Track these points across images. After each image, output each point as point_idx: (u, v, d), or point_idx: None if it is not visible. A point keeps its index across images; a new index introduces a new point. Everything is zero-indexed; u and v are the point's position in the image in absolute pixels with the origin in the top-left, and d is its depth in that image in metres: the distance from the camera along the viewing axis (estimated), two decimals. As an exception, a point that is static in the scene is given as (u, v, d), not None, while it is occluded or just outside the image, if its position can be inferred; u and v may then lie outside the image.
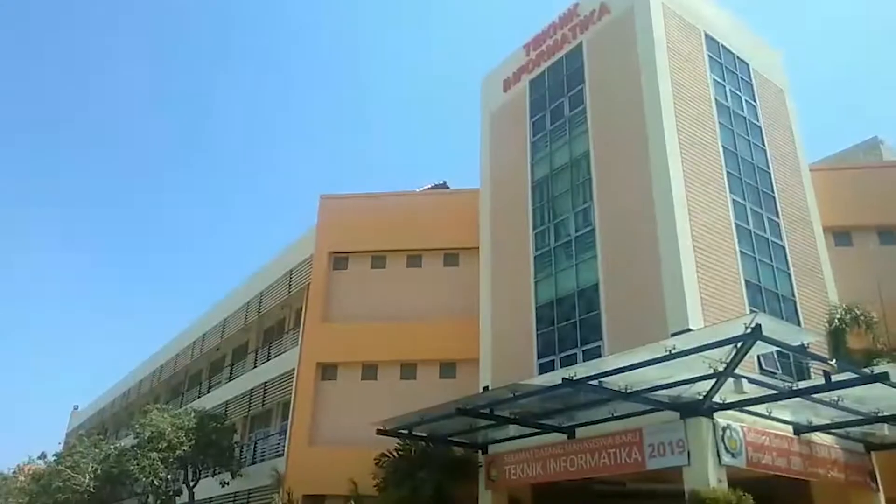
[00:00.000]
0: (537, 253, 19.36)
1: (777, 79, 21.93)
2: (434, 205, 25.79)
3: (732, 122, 19.11)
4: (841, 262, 19.75)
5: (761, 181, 18.86)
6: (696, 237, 15.85)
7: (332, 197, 26.26)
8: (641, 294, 15.80)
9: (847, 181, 22.33)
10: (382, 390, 22.19)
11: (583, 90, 19.83)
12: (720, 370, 11.45)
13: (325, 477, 20.46)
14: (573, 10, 21.09)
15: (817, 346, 15.74)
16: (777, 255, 17.88)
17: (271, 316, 28.72)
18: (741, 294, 16.15)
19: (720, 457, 12.79)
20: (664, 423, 13.48)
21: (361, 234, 24.87)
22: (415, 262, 24.35)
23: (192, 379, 36.31)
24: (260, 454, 25.58)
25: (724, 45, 20.35)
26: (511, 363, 18.33)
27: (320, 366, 23.31)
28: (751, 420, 13.71)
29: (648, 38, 18.08)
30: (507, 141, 22.36)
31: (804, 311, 17.47)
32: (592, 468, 14.82)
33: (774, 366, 15.39)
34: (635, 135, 17.42)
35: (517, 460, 16.74)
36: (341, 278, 24.71)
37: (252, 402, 26.73)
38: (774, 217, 18.55)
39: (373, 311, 23.57)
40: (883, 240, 21.18)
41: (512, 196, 21.02)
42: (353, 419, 20.53)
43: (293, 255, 26.88)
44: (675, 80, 17.91)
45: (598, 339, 16.43)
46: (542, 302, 18.58)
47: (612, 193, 17.72)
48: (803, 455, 14.44)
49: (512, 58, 23.23)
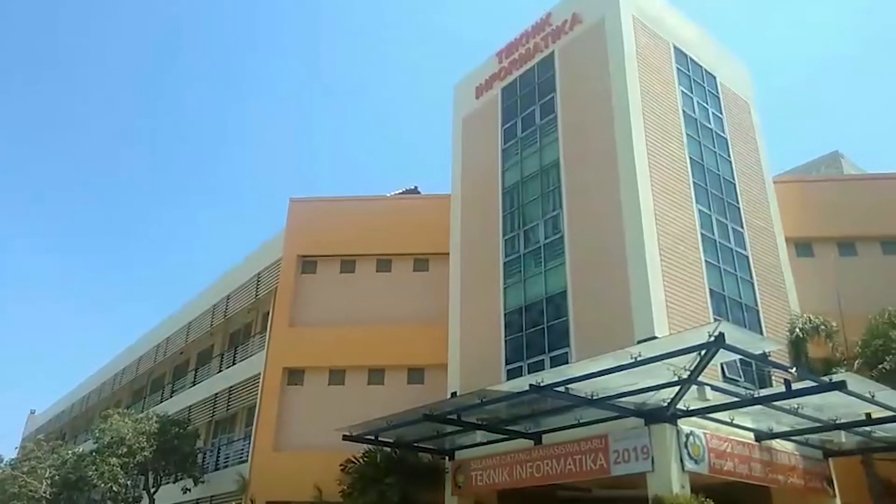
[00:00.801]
0: (507, 259, 19.45)
1: (743, 92, 22.41)
2: (405, 209, 25.74)
3: (699, 133, 19.46)
4: (802, 273, 20.23)
5: (726, 192, 19.23)
6: (662, 246, 16.08)
7: (301, 200, 26.05)
8: (609, 301, 15.97)
9: (809, 194, 22.95)
10: (349, 395, 22.02)
11: (554, 99, 20.01)
12: (684, 377, 11.60)
13: (289, 483, 20.21)
14: (546, 20, 21.30)
15: (779, 354, 16.04)
16: (741, 265, 18.23)
17: (238, 319, 28.32)
18: (706, 302, 16.42)
19: (683, 463, 12.95)
20: (629, 430, 13.60)
21: (331, 237, 24.71)
22: (384, 267, 24.27)
23: (155, 383, 35.58)
24: (223, 460, 25.18)
25: (693, 58, 20.74)
26: (479, 369, 18.34)
27: (287, 370, 23.05)
28: (713, 427, 13.92)
29: (619, 50, 18.34)
30: (478, 147, 22.45)
31: (766, 320, 17.83)
32: (558, 474, 14.89)
33: (737, 374, 15.67)
34: (605, 144, 17.63)
35: (484, 466, 16.74)
36: (310, 282, 24.50)
37: (216, 407, 26.30)
38: (739, 227, 18.92)
39: (341, 315, 23.39)
40: (842, 251, 21.76)
41: (483, 202, 21.09)
42: (319, 425, 20.33)
43: (261, 259, 26.57)
44: (645, 90, 18.19)
45: (566, 346, 16.54)
46: (510, 308, 18.65)
47: (582, 201, 17.89)
48: (764, 461, 14.70)
49: (484, 65, 23.36)
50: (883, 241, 21.80)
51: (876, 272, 20.98)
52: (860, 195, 22.86)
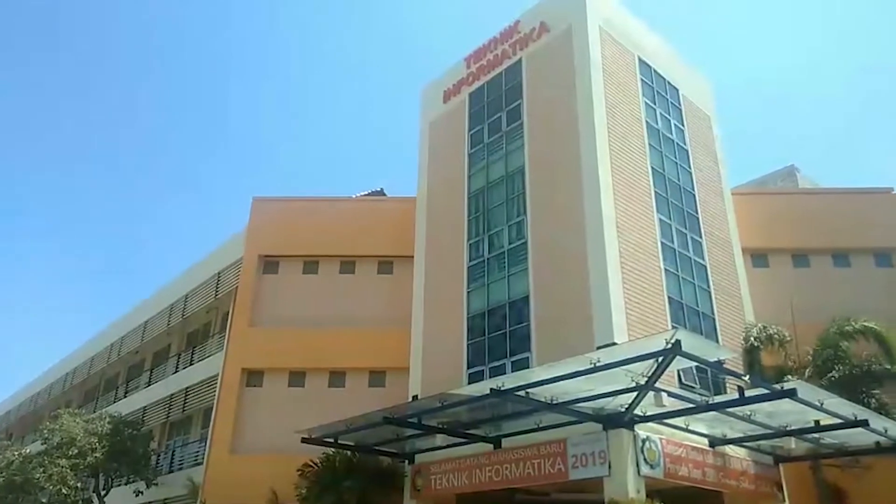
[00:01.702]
0: (471, 263, 19.51)
1: (704, 105, 22.93)
2: (370, 211, 25.65)
3: (661, 144, 19.84)
4: (758, 283, 20.76)
5: (686, 202, 19.63)
6: (623, 254, 16.33)
7: (264, 199, 25.74)
8: (570, 307, 16.14)
9: (765, 206, 23.56)
10: (309, 398, 21.81)
11: (520, 105, 20.18)
12: (642, 383, 11.76)
13: (245, 486, 19.86)
14: (514, 27, 21.48)
15: (733, 362, 16.43)
16: (699, 274, 18.62)
17: (196, 319, 27.81)
18: (664, 310, 16.72)
19: (639, 468, 13.14)
20: (587, 435, 13.75)
21: (294, 237, 24.46)
22: (348, 269, 24.12)
23: (108, 383, 34.70)
24: (178, 462, 24.68)
25: (657, 70, 21.14)
26: (441, 373, 18.35)
27: (245, 372, 22.72)
28: (669, 432, 14.16)
29: (585, 59, 18.59)
30: (445, 151, 22.50)
31: (722, 328, 18.24)
32: (517, 478, 14.97)
33: (693, 380, 15.99)
34: (569, 152, 17.84)
35: (443, 470, 16.73)
36: (271, 282, 24.21)
37: (172, 409, 25.79)
38: (698, 237, 19.32)
39: (303, 316, 23.16)
40: (796, 262, 22.41)
41: (448, 206, 21.14)
42: (277, 427, 20.09)
43: (221, 258, 26.15)
44: (609, 100, 18.46)
45: (527, 351, 16.65)
46: (473, 312, 18.71)
47: (545, 208, 18.06)
48: (717, 467, 15.01)
49: (452, 69, 23.44)
50: (834, 253, 22.50)
51: (827, 283, 21.65)
52: (814, 209, 23.55)
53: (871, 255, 22.50)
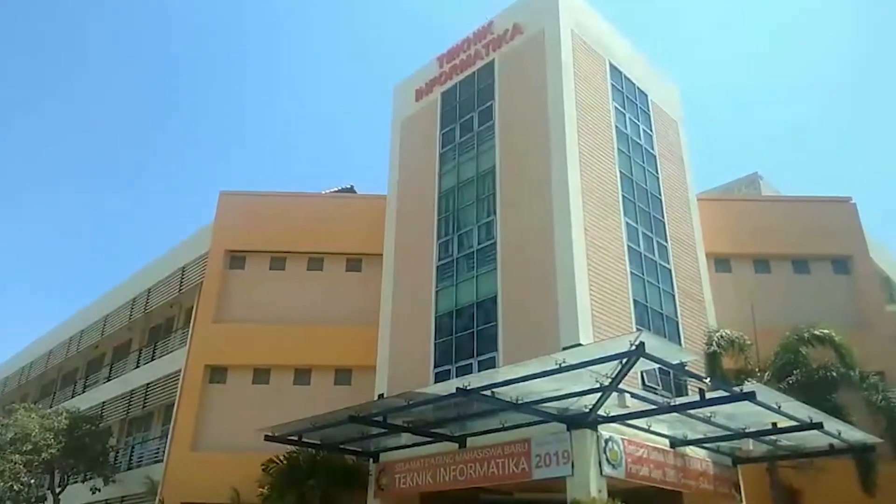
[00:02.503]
0: (440, 263, 19.51)
1: (673, 111, 23.28)
2: (339, 208, 25.49)
3: (630, 149, 20.08)
4: (720, 288, 21.17)
5: (653, 207, 19.91)
6: (590, 256, 16.49)
7: (232, 193, 25.40)
8: (537, 308, 16.25)
9: (729, 212, 24.03)
10: (274, 395, 21.62)
11: (492, 106, 20.24)
12: (606, 384, 11.91)
13: (206, 484, 19.59)
14: (487, 28, 21.53)
15: (695, 365, 16.67)
16: (663, 278, 18.90)
17: (159, 314, 27.36)
18: (629, 312, 16.93)
19: (602, 468, 13.30)
20: (551, 435, 13.87)
21: (261, 233, 24.20)
22: (316, 266, 23.95)
23: (66, 377, 33.90)
24: (137, 459, 24.27)
25: (627, 75, 21.39)
26: (407, 371, 18.31)
27: (209, 368, 22.42)
28: (631, 433, 14.36)
29: (557, 62, 18.72)
30: (416, 150, 22.46)
31: (685, 331, 18.55)
32: (481, 477, 15.02)
33: (656, 382, 16.22)
34: (539, 154, 17.95)
35: (408, 469, 16.72)
36: (237, 278, 23.92)
37: (132, 404, 25.33)
38: (663, 241, 19.62)
39: (269, 313, 22.93)
40: (757, 268, 22.92)
41: (418, 205, 21.10)
42: (241, 424, 19.83)
43: (187, 252, 25.76)
44: (580, 104, 18.62)
45: (494, 351, 16.71)
46: (441, 311, 18.71)
47: (515, 209, 18.15)
48: (677, 467, 15.27)
49: (425, 68, 23.40)
50: (794, 260, 23.06)
51: (787, 289, 22.19)
52: (776, 216, 24.10)
53: (830, 262, 23.11)
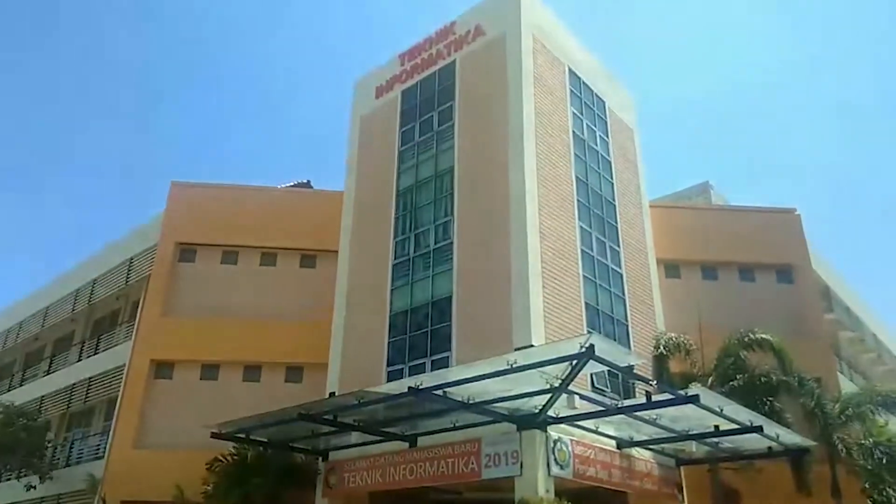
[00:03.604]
0: (396, 261, 19.45)
1: (628, 119, 23.73)
2: (295, 203, 25.18)
3: (586, 154, 20.38)
4: (669, 293, 21.70)
5: (607, 212, 20.26)
6: (545, 259, 16.68)
7: (183, 184, 24.83)
8: (491, 308, 16.35)
9: (679, 219, 24.66)
10: (222, 392, 21.25)
11: (452, 107, 20.27)
12: (556, 385, 12.07)
13: (149, 482, 19.12)
14: (449, 28, 21.56)
15: (643, 368, 17.10)
16: (615, 282, 19.25)
17: (104, 306, 26.56)
18: (581, 315, 17.20)
19: (550, 468, 13.48)
20: (501, 435, 13.98)
21: (213, 226, 23.73)
22: (269, 261, 23.62)
23: (3, 370, 32.57)
24: (76, 456, 23.46)
25: (585, 82, 21.70)
26: (360, 370, 18.20)
27: (155, 362, 21.88)
28: (580, 434, 14.59)
29: (517, 66, 18.86)
30: (375, 147, 22.34)
31: (635, 334, 18.93)
32: (431, 477, 15.06)
33: (605, 384, 16.52)
34: (497, 156, 18.07)
35: (357, 468, 16.64)
36: (187, 271, 23.40)
37: (73, 399, 24.55)
38: (616, 246, 19.98)
39: (219, 308, 22.51)
40: (705, 275, 23.59)
41: (376, 202, 20.99)
42: (187, 421, 19.37)
43: (135, 243, 25.08)
44: (539, 108, 18.80)
45: (448, 350, 16.74)
46: (396, 310, 18.66)
47: (472, 210, 18.21)
48: (623, 468, 15.58)
49: (386, 66, 23.29)
50: (741, 268, 23.81)
51: (733, 296, 22.90)
52: (724, 224, 24.85)
53: (774, 271, 23.95)
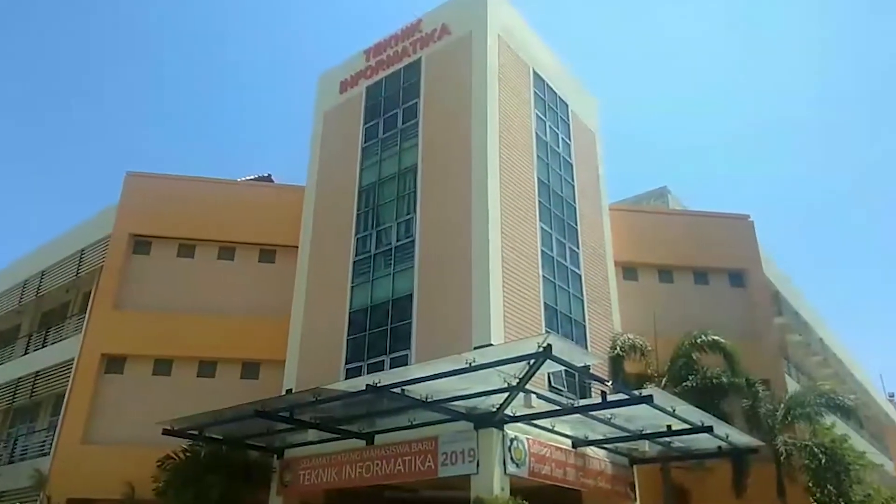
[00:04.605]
0: (357, 258, 19.34)
1: (590, 123, 24.05)
2: (255, 197, 24.80)
3: (549, 156, 20.59)
4: (626, 295, 22.06)
5: (567, 214, 20.50)
6: (505, 259, 16.79)
7: (139, 175, 24.21)
8: (451, 307, 16.39)
9: (638, 223, 25.08)
10: (176, 388, 20.83)
11: (417, 104, 20.25)
12: (514, 384, 12.16)
13: (97, 478, 18.64)
14: (416, 25, 21.52)
15: (600, 368, 17.38)
16: (574, 283, 19.50)
17: (52, 298, 25.75)
18: (540, 315, 17.36)
19: (506, 466, 13.58)
20: (458, 433, 14.03)
21: (170, 218, 23.22)
22: (227, 255, 23.23)
23: (-57, 363, 31.29)
24: (20, 452, 22.67)
25: (549, 84, 21.92)
26: (318, 367, 18.05)
27: (106, 357, 21.32)
28: (536, 433, 14.74)
29: (482, 66, 18.94)
30: (338, 143, 22.17)
31: (592, 335, 19.21)
32: (387, 475, 15.03)
33: (562, 384, 16.72)
34: (461, 155, 18.12)
35: (313, 465, 16.50)
36: (141, 264, 22.85)
37: (18, 393, 23.77)
38: (575, 248, 20.23)
39: (174, 302, 22.04)
40: (661, 278, 24.09)
41: (338, 198, 20.84)
42: (138, 417, 19.00)
43: (87, 233, 24.35)
44: (503, 109, 18.92)
45: (407, 348, 16.74)
46: (356, 307, 18.56)
47: (434, 208, 18.23)
48: (578, 467, 15.79)
49: (351, 60, 23.13)
50: (695, 271, 24.39)
51: (688, 299, 23.43)
52: (680, 229, 25.36)
53: (727, 275, 24.59)
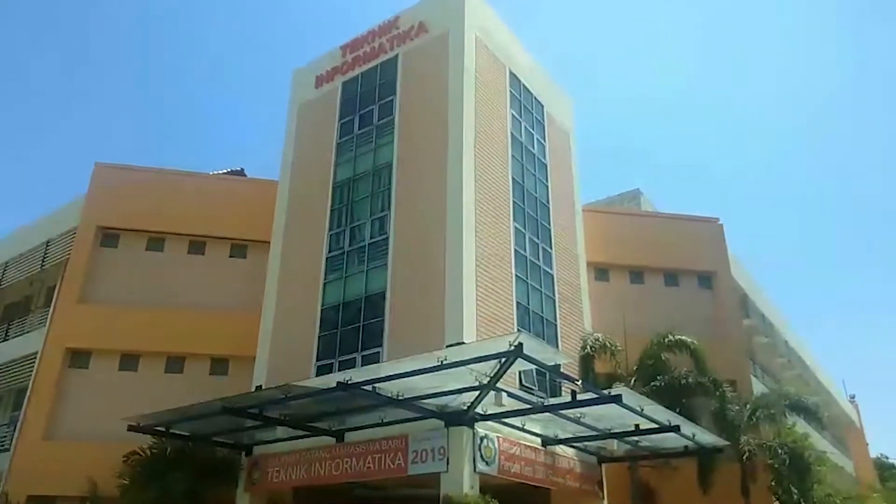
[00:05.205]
0: (330, 254, 19.22)
1: (565, 124, 24.21)
2: (227, 191, 24.50)
3: (523, 156, 20.67)
4: (598, 295, 22.31)
5: (541, 214, 20.61)
6: (479, 258, 16.83)
7: (109, 166, 23.75)
8: (424, 305, 16.38)
9: (610, 224, 25.35)
10: (143, 383, 20.54)
11: (393, 101, 20.17)
12: (485, 383, 12.20)
13: (60, 475, 18.27)
14: (393, 22, 21.44)
15: (570, 367, 17.47)
16: (546, 283, 19.62)
17: (15, 290, 25.15)
18: (512, 314, 17.44)
19: (476, 464, 13.63)
20: (429, 431, 14.02)
21: (139, 210, 22.82)
22: (198, 249, 22.93)
23: None
24: (-21, 448, 22.10)
25: (525, 85, 22.00)
26: (289, 364, 17.91)
27: (70, 351, 20.92)
28: (506, 431, 14.80)
29: (459, 65, 18.94)
30: (312, 138, 21.99)
31: (563, 335, 19.36)
32: (357, 472, 14.98)
33: (533, 382, 16.83)
34: (436, 154, 18.10)
35: (282, 463, 16.37)
36: (109, 257, 22.44)
37: (-23, 388, 23.10)
38: (548, 248, 20.36)
39: (142, 296, 21.71)
40: (632, 279, 24.40)
41: (311, 194, 20.68)
42: (103, 413, 18.74)
43: (52, 225, 23.85)
44: (479, 109, 18.93)
45: (379, 346, 16.68)
46: (328, 304, 18.45)
47: (410, 206, 18.19)
48: (547, 465, 15.91)
49: (327, 55, 22.95)
50: (666, 273, 24.75)
51: (658, 300, 23.78)
52: (652, 231, 25.71)
53: (696, 277, 25.00)
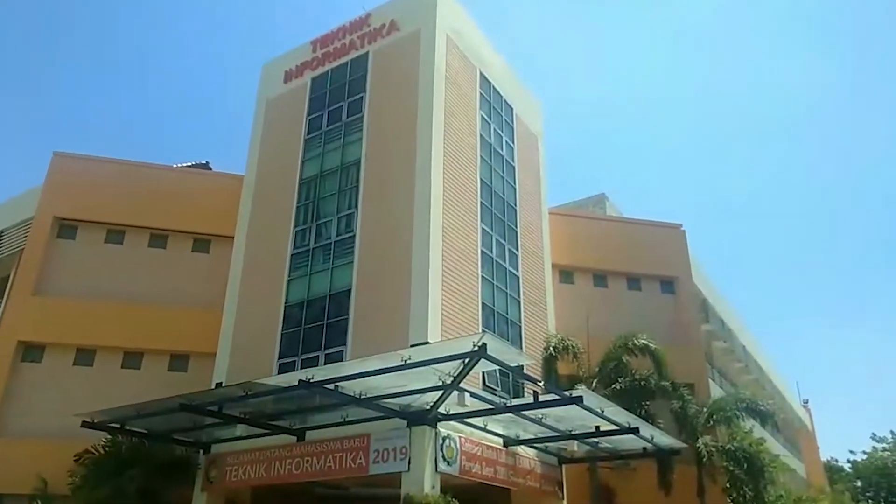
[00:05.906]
0: (295, 251, 19.02)
1: (534, 127, 24.39)
2: (190, 184, 24.05)
3: (492, 158, 20.76)
4: (562, 297, 22.54)
5: (508, 216, 20.73)
6: (445, 258, 16.84)
7: (67, 155, 23.12)
8: (389, 304, 16.32)
9: (576, 228, 25.64)
10: (98, 379, 20.06)
11: (363, 99, 20.07)
12: (448, 383, 12.21)
13: (7, 473, 17.73)
14: (364, 19, 21.32)
15: (533, 368, 17.64)
16: (511, 284, 19.73)
17: (-34, 281, 24.26)
18: (477, 314, 17.50)
19: (437, 464, 13.64)
20: (391, 430, 14.00)
21: (99, 202, 22.29)
22: (159, 243, 22.47)
23: None
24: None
25: (495, 87, 22.09)
26: (250, 361, 17.67)
27: (22, 344, 20.33)
28: (468, 431, 14.86)
29: (430, 65, 18.92)
30: (280, 133, 21.75)
31: (527, 336, 19.49)
32: (318, 472, 14.87)
33: (496, 383, 16.89)
34: (405, 152, 18.06)
35: (241, 461, 16.15)
36: (66, 248, 21.86)
37: (-79, 381, 22.20)
38: (514, 250, 20.48)
39: (100, 289, 21.19)
40: (596, 282, 24.71)
41: (277, 190, 20.44)
42: (56, 409, 18.29)
43: (7, 214, 23.18)
44: (448, 109, 18.95)
45: (343, 344, 16.56)
46: (292, 301, 18.26)
47: (377, 204, 18.11)
48: (508, 465, 16.01)
49: (297, 50, 22.73)
50: (629, 277, 25.12)
51: (620, 304, 24.11)
52: (616, 235, 26.08)
53: (658, 281, 25.41)
